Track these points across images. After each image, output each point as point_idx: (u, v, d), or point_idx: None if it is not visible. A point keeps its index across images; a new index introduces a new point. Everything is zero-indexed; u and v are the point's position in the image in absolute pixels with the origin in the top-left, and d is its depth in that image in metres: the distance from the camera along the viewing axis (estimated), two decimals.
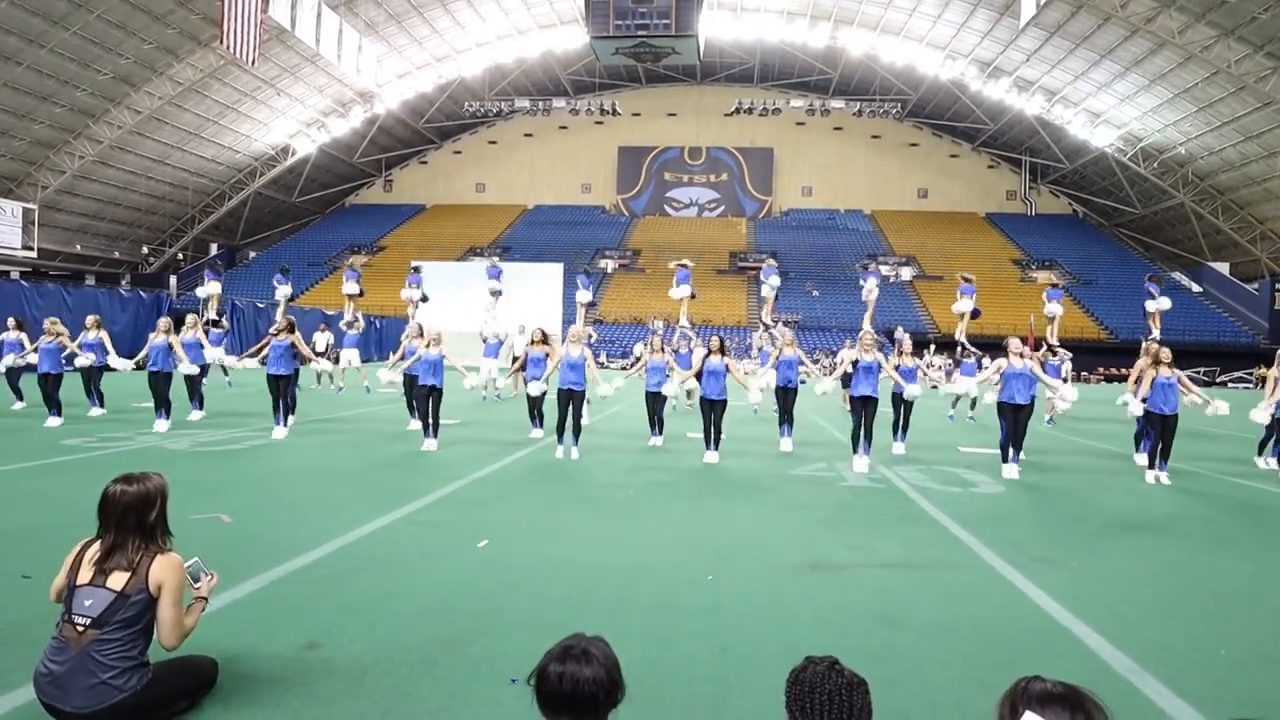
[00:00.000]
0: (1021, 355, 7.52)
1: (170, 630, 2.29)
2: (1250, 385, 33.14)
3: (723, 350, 8.25)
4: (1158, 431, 7.43)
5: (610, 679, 1.53)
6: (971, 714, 2.53)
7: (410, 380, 9.51)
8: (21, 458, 6.70)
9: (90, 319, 10.44)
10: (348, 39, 31.73)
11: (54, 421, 8.98)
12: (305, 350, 8.95)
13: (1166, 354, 7.58)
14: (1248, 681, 2.88)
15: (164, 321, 9.54)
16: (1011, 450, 7.47)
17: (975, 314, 14.12)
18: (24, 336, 10.62)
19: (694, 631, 3.17)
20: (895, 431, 9.23)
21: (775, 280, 14.59)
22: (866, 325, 12.79)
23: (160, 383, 9.08)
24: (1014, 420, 7.48)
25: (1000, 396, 7.67)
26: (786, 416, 9.05)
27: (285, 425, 8.71)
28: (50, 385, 9.35)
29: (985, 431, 11.14)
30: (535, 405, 9.38)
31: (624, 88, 50.70)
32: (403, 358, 9.01)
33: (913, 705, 2.57)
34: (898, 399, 9.11)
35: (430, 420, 8.10)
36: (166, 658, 2.38)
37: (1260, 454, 8.77)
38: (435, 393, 8.20)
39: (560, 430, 7.95)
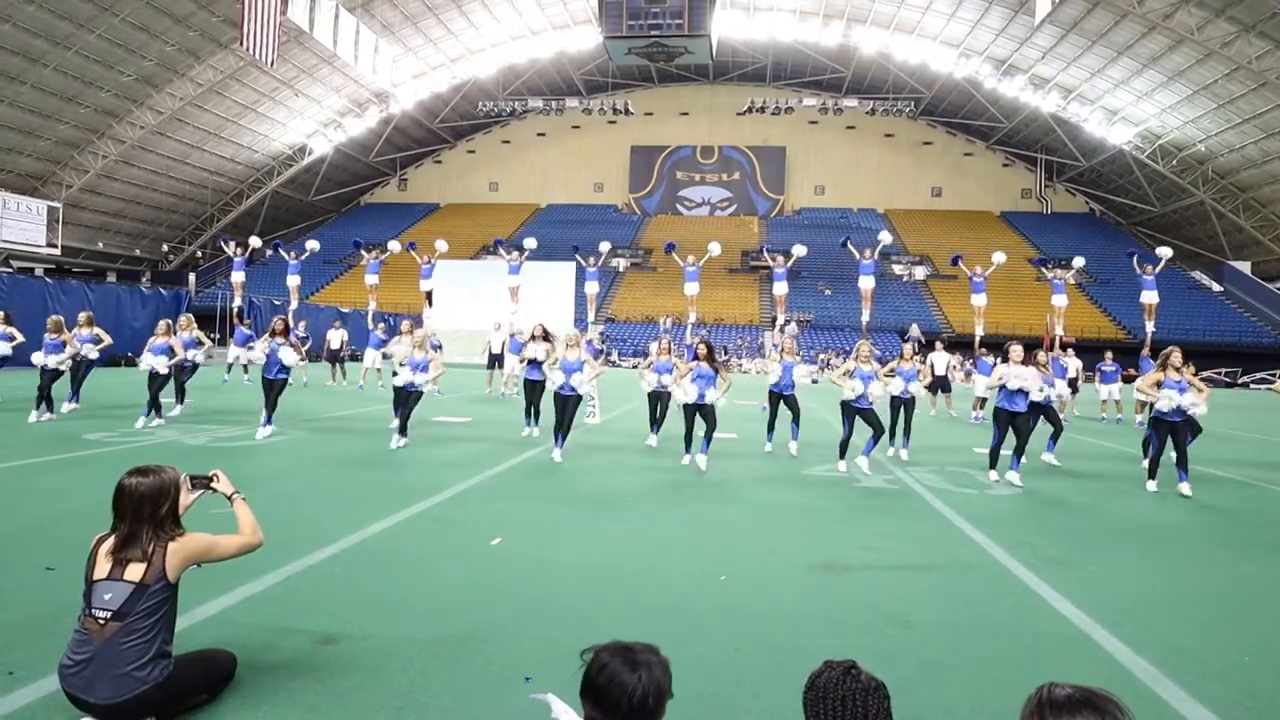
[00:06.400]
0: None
1: (243, 544, 2.55)
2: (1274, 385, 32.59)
3: (710, 357, 7.67)
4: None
5: (645, 698, 1.45)
6: (986, 718, 2.51)
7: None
8: (42, 452, 6.82)
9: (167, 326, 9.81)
10: (364, 40, 31.97)
11: (146, 421, 8.88)
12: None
13: (1177, 358, 7.12)
14: (1272, 687, 2.84)
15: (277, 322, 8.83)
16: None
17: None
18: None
19: (707, 632, 3.17)
20: (894, 437, 8.57)
21: (780, 288, 15.05)
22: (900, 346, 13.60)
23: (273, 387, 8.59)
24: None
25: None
26: (880, 433, 7.87)
27: (405, 435, 8.19)
28: (156, 384, 9.07)
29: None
30: (534, 402, 9.29)
31: (636, 87, 50.68)
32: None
33: (926, 709, 2.55)
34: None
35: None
36: (187, 651, 2.42)
37: (1152, 476, 7.12)
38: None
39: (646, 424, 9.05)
